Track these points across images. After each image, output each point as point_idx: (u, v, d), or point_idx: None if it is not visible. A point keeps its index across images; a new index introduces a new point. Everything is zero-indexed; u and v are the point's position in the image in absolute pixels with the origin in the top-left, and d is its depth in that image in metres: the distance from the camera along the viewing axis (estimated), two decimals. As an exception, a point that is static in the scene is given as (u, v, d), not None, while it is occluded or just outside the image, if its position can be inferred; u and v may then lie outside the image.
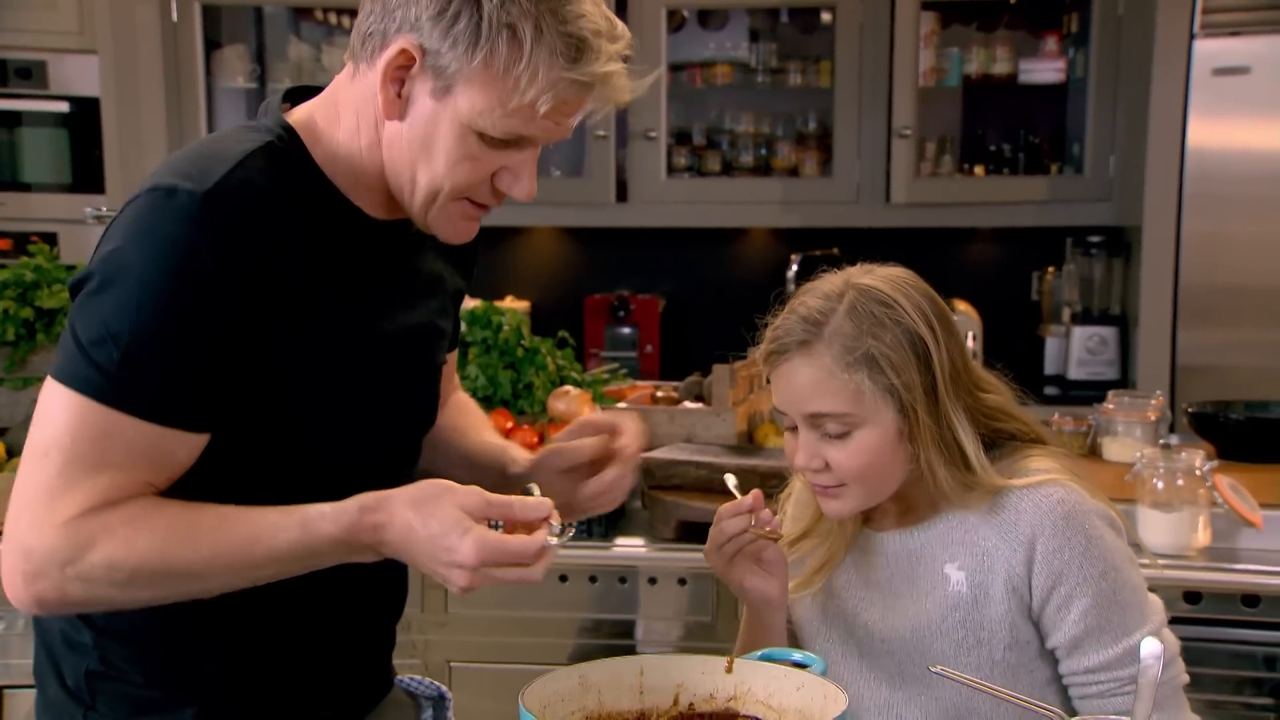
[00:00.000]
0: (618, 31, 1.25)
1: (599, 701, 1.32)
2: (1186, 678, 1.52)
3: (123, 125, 3.93)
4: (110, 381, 1.19)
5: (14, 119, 3.95)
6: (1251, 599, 2.21)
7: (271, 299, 1.24)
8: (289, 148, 1.30)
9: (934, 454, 1.47)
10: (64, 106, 3.91)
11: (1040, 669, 1.51)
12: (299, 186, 1.29)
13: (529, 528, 1.26)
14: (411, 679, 1.66)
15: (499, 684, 2.46)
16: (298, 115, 1.34)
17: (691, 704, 1.34)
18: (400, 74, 1.24)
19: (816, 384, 1.46)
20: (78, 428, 1.20)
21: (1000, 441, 1.55)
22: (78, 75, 3.90)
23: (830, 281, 1.52)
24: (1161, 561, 2.21)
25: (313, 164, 1.31)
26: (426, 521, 1.21)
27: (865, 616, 1.56)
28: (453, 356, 1.65)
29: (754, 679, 1.33)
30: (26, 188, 4.03)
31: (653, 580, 2.41)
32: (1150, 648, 1.19)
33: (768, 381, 1.54)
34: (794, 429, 1.52)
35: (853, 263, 1.57)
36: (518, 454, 1.56)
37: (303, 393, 1.30)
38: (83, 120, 3.92)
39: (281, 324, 1.25)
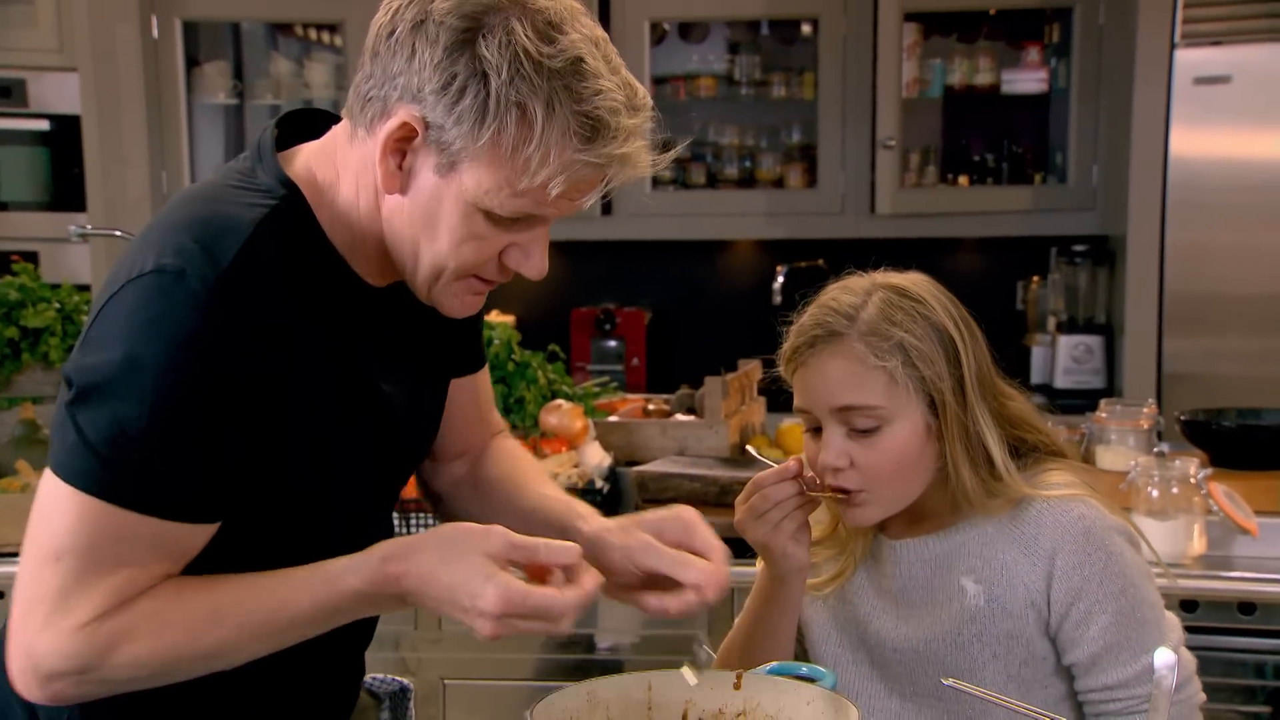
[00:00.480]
0: (638, 101, 1.17)
1: (608, 718, 1.30)
2: (1203, 696, 1.51)
3: (104, 142, 3.90)
4: (126, 482, 1.13)
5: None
6: (1248, 607, 2.21)
7: (284, 378, 1.19)
8: (293, 209, 1.23)
9: (960, 454, 1.47)
10: (44, 124, 3.88)
11: (1055, 685, 1.51)
12: (305, 256, 1.22)
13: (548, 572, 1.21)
14: (373, 678, 1.63)
15: (494, 701, 2.45)
16: (298, 168, 1.26)
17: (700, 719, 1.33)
18: (402, 145, 1.16)
19: (848, 375, 1.45)
20: (92, 530, 1.14)
21: (1023, 452, 1.55)
22: (58, 93, 3.88)
23: (856, 280, 1.52)
24: (1157, 570, 2.21)
25: (317, 228, 1.24)
26: (451, 568, 1.16)
27: (878, 625, 1.55)
28: (488, 391, 1.59)
29: (763, 694, 1.32)
30: (4, 206, 4.00)
31: (648, 595, 2.39)
32: (1164, 658, 1.19)
33: (788, 383, 1.53)
34: (815, 431, 1.50)
35: (838, 274, 1.56)
36: (583, 509, 1.45)
37: (310, 461, 1.25)
38: (63, 138, 3.89)
39: (292, 399, 1.20)
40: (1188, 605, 2.22)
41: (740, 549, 1.60)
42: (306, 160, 1.26)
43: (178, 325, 1.12)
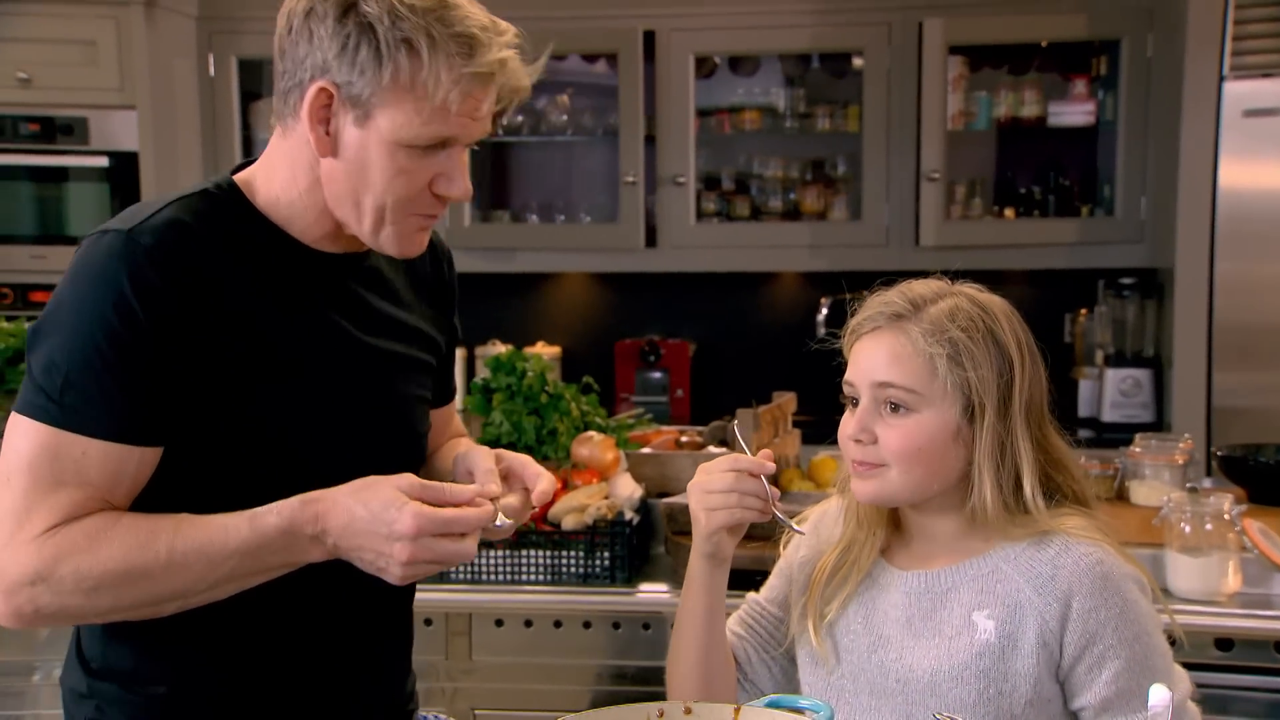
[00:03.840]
0: (502, 27, 1.36)
1: (606, 749, 1.31)
2: None
3: (160, 178, 4.01)
4: (56, 406, 1.30)
5: (60, 174, 4.03)
6: (1284, 646, 2.17)
7: (209, 323, 1.34)
8: (226, 195, 1.42)
9: (988, 466, 1.49)
10: (104, 161, 3.99)
11: (1058, 729, 1.49)
12: (236, 224, 1.40)
13: None
14: (423, 716, 1.70)
15: (523, 731, 2.47)
16: (239, 176, 1.45)
17: (699, 752, 1.33)
18: (324, 113, 1.33)
19: (895, 354, 1.50)
20: (35, 452, 1.31)
21: (1049, 492, 1.55)
22: (118, 130, 3.99)
23: (939, 282, 1.56)
24: (1191, 607, 2.18)
25: (250, 207, 1.42)
26: (366, 502, 1.30)
27: (881, 655, 1.54)
28: (447, 409, 1.73)
29: (761, 727, 1.31)
30: (73, 240, 4.10)
31: (676, 626, 2.40)
32: (1159, 695, 1.18)
33: (845, 357, 1.56)
34: (854, 407, 1.54)
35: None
36: (465, 445, 1.63)
37: (255, 410, 1.38)
38: (123, 174, 4.00)
39: (224, 346, 1.35)
40: (1223, 644, 2.19)
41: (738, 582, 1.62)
42: (248, 171, 1.47)
43: (92, 269, 1.32)
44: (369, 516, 1.30)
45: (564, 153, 4.55)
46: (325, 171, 1.37)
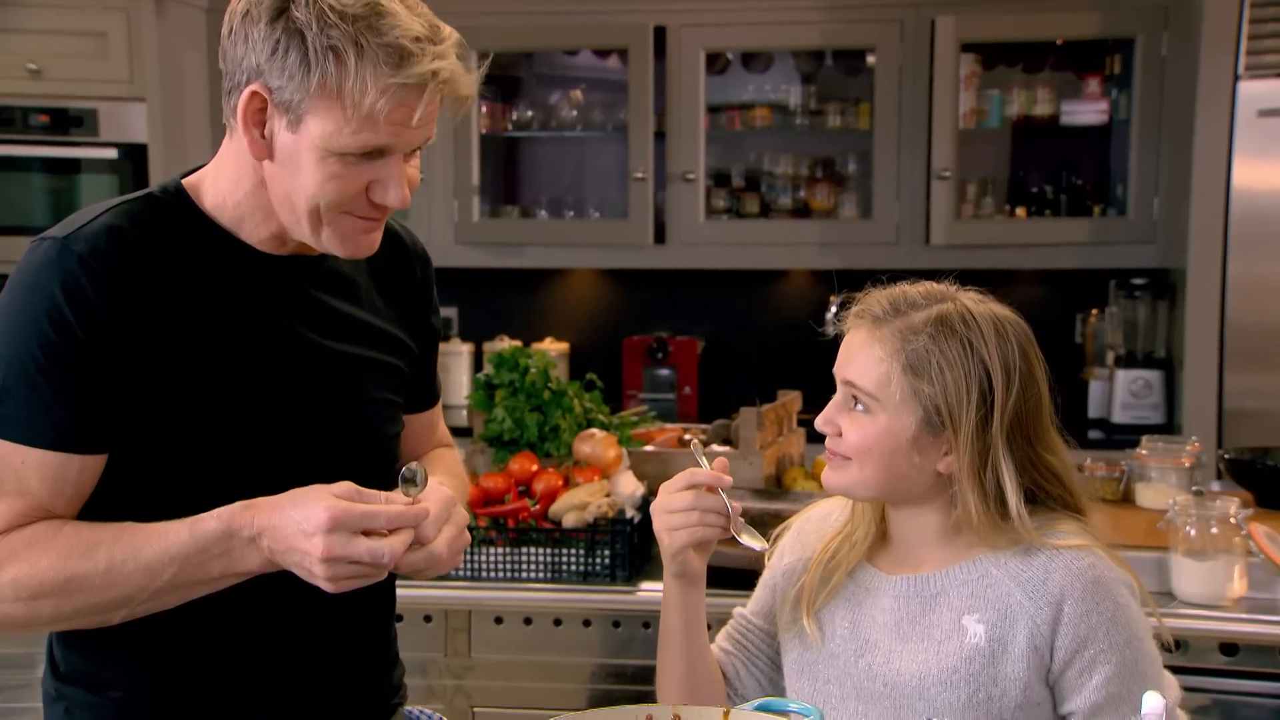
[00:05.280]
0: (442, 35, 1.33)
1: (594, 750, 1.30)
2: None
3: (170, 169, 3.98)
4: None
5: (73, 165, 4.04)
6: (1290, 651, 2.15)
7: (149, 330, 1.33)
8: (171, 199, 1.41)
9: (969, 487, 1.48)
10: (113, 153, 3.99)
11: (1046, 733, 1.48)
12: (179, 228, 1.39)
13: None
14: (420, 711, 1.69)
15: (522, 729, 2.46)
16: (189, 179, 1.45)
17: (688, 754, 1.32)
18: (259, 116, 1.32)
19: (862, 354, 1.51)
20: None
21: (1040, 500, 1.54)
22: (127, 122, 3.99)
23: (940, 286, 1.55)
24: (1196, 612, 2.16)
25: (196, 210, 1.41)
26: (295, 503, 1.30)
27: (869, 659, 1.53)
28: (428, 415, 1.70)
29: (751, 730, 1.30)
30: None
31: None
32: (1152, 703, 1.16)
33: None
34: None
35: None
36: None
37: (203, 414, 1.37)
38: (133, 165, 4.00)
39: (167, 352, 1.34)
40: (1228, 649, 2.16)
41: (726, 581, 1.61)
42: (199, 173, 1.46)
43: (27, 277, 1.33)
44: (294, 515, 1.29)
45: (574, 148, 4.54)
46: (266, 174, 1.36)
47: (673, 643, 1.59)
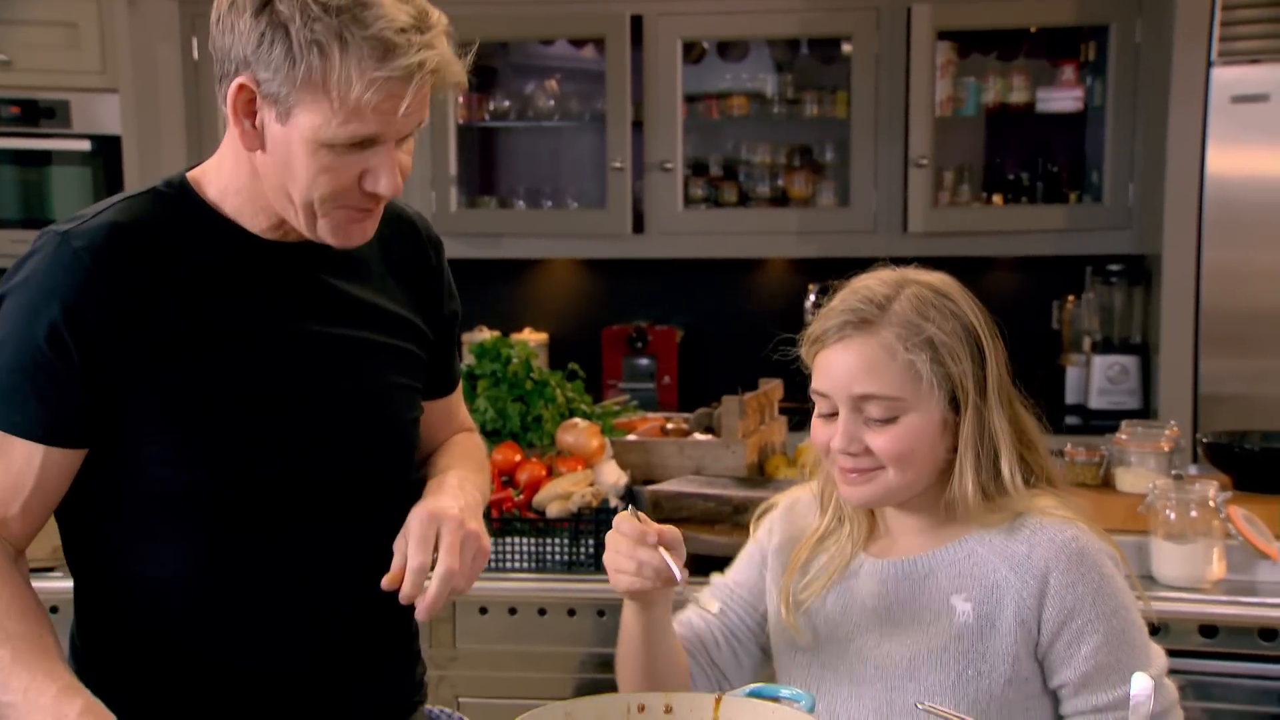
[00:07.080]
0: (429, 23, 1.31)
1: (585, 739, 1.30)
2: None
3: (143, 162, 3.97)
4: None
5: (44, 158, 3.99)
6: (1269, 633, 2.17)
7: (149, 324, 1.33)
8: (176, 191, 1.42)
9: (969, 455, 1.48)
10: (86, 145, 3.95)
11: (1036, 708, 1.49)
12: (184, 221, 1.39)
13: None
14: (442, 710, 1.70)
15: (507, 718, 2.45)
16: (193, 172, 1.45)
17: (679, 742, 1.32)
18: (249, 108, 1.32)
19: (873, 364, 1.46)
20: None
21: (1022, 473, 1.54)
22: (100, 114, 3.94)
23: (888, 273, 1.53)
24: (1176, 594, 2.18)
25: (200, 201, 1.41)
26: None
27: (859, 642, 1.54)
28: (447, 401, 1.67)
29: (742, 717, 1.31)
30: (51, 224, 4.07)
31: (661, 614, 2.39)
32: (1141, 684, 1.17)
33: (807, 365, 1.53)
34: (829, 415, 1.51)
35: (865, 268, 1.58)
36: (435, 489, 1.51)
37: (210, 403, 1.36)
38: (106, 157, 3.96)
39: (170, 345, 1.34)
40: (1207, 630, 2.19)
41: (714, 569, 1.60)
42: (204, 165, 1.45)
43: (28, 271, 1.34)
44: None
45: (551, 138, 4.52)
46: (259, 165, 1.36)
47: (632, 649, 1.56)
